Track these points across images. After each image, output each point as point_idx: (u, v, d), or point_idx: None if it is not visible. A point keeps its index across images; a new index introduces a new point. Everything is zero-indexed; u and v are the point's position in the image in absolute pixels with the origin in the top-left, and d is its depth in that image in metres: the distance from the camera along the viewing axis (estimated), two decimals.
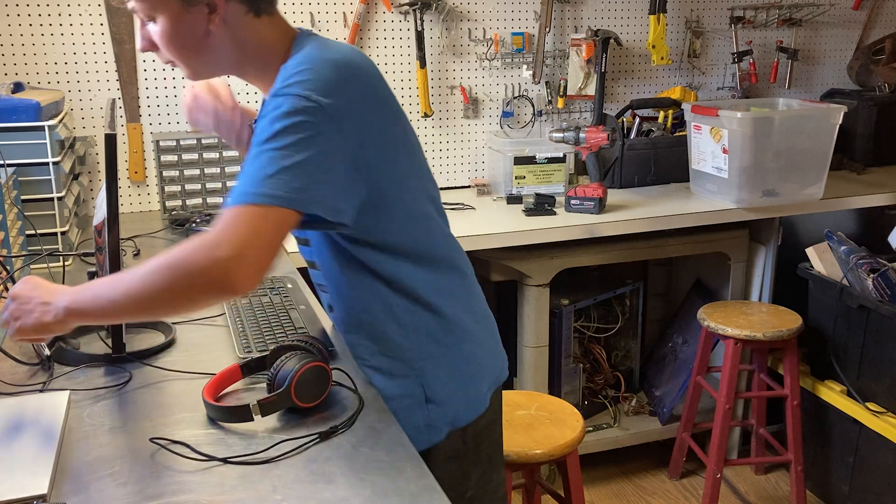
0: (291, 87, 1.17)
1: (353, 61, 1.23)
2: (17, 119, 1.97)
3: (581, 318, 2.93)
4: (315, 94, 1.16)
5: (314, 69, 1.18)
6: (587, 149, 2.66)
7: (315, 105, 1.15)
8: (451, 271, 1.40)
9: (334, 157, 1.18)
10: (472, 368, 1.41)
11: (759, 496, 2.85)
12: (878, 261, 2.49)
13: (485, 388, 1.44)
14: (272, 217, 1.11)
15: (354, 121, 1.19)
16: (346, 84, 1.20)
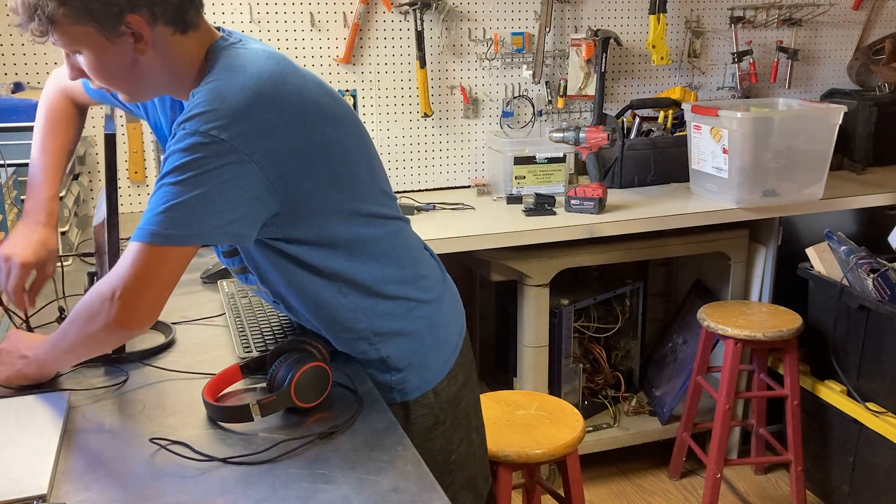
0: (192, 120, 1.15)
1: (263, 78, 1.19)
2: (17, 119, 1.97)
3: (581, 318, 2.93)
4: (214, 128, 1.14)
5: (218, 98, 1.16)
6: (587, 149, 2.66)
7: (212, 141, 1.14)
8: (394, 264, 1.41)
9: (233, 188, 1.16)
10: (431, 336, 1.45)
11: (759, 496, 2.85)
12: (878, 261, 2.49)
13: (448, 351, 1.49)
14: (167, 256, 1.16)
15: (260, 144, 1.17)
16: (251, 108, 1.16)
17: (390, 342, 1.41)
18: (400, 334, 1.41)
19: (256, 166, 1.17)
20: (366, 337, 1.40)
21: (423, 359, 1.44)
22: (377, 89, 2.84)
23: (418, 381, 1.44)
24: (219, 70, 1.21)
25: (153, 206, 1.16)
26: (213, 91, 1.17)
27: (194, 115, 1.15)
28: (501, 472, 1.88)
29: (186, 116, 1.16)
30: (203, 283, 1.89)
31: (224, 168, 1.15)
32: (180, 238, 1.15)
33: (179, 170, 1.14)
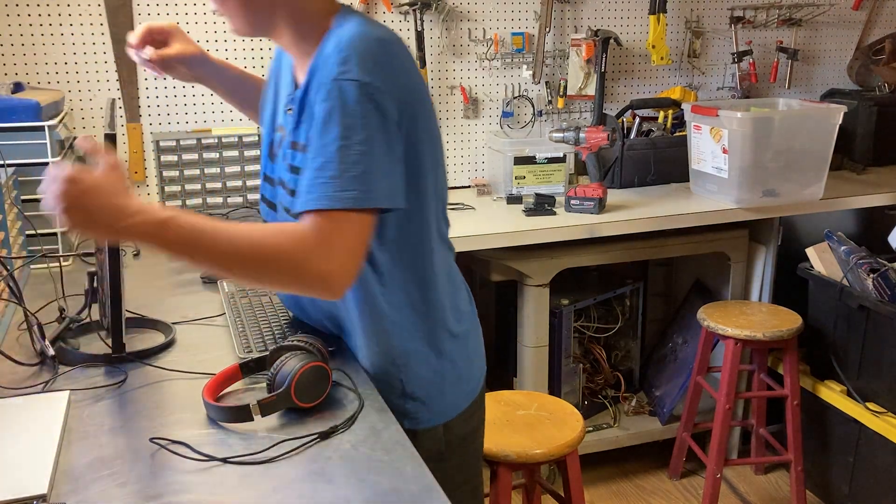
0: (345, 72, 1.16)
1: (395, 40, 1.24)
2: (17, 119, 1.97)
3: (581, 318, 2.93)
4: (368, 77, 1.16)
5: (362, 50, 1.17)
6: (587, 149, 2.66)
7: (371, 91, 1.16)
8: (443, 289, 1.39)
9: (394, 144, 1.20)
10: (454, 372, 1.42)
11: (759, 496, 2.85)
12: (878, 261, 2.49)
13: (468, 389, 1.46)
14: (360, 221, 1.17)
15: (401, 102, 1.20)
16: (392, 65, 1.20)
17: (414, 368, 1.38)
18: (426, 363, 1.38)
19: (399, 124, 1.20)
20: (394, 356, 1.37)
21: (440, 391, 1.40)
22: None
23: (430, 413, 1.40)
24: (354, 24, 1.22)
25: (333, 168, 1.15)
26: (357, 41, 1.18)
27: (344, 67, 1.16)
28: (501, 472, 1.88)
29: (338, 71, 1.16)
30: (203, 283, 1.89)
31: (385, 123, 1.18)
32: (369, 200, 1.17)
33: (346, 128, 1.16)
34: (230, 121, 2.70)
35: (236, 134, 2.59)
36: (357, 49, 1.17)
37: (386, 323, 1.35)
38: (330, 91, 1.17)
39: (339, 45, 1.19)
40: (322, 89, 1.18)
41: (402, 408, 1.37)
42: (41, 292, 1.77)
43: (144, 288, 1.86)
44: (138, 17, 2.54)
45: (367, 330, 1.37)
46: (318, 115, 1.18)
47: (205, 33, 2.61)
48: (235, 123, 2.70)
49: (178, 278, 1.95)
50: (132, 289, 1.80)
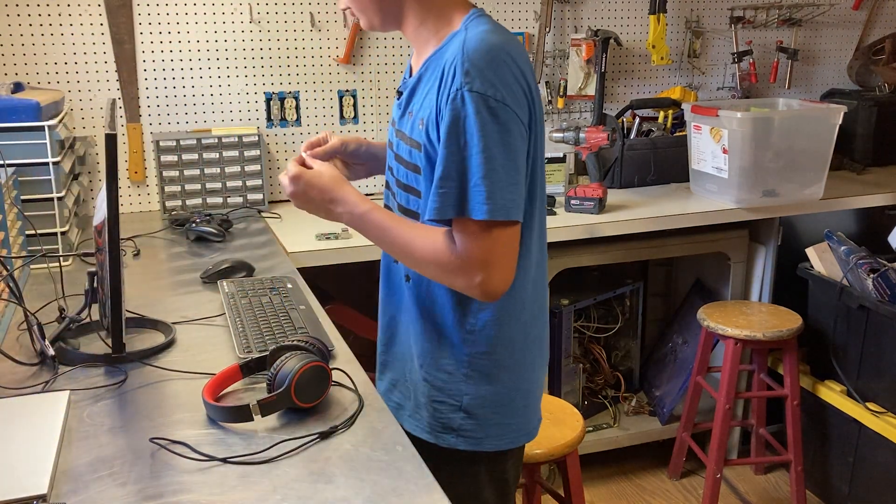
0: (474, 82, 1.20)
1: (517, 46, 1.28)
2: (17, 119, 1.97)
3: (581, 318, 2.93)
4: (501, 90, 1.20)
5: (494, 63, 1.21)
6: (587, 149, 2.66)
7: (502, 104, 1.20)
8: (527, 303, 1.39)
9: (522, 156, 1.26)
10: (514, 401, 1.41)
11: (759, 496, 2.85)
12: (878, 261, 2.49)
13: (523, 425, 1.44)
14: (510, 231, 1.24)
15: (526, 116, 1.25)
16: (517, 80, 1.23)
17: (478, 378, 1.37)
18: (491, 378, 1.38)
19: (525, 140, 1.27)
20: (459, 362, 1.37)
21: (498, 415, 1.39)
22: (377, 89, 2.84)
23: (481, 437, 1.39)
24: (483, 32, 1.25)
25: (482, 178, 1.20)
26: (487, 52, 1.22)
27: (475, 78, 1.20)
28: None
29: (465, 80, 1.20)
30: (203, 283, 1.89)
31: (517, 136, 1.24)
32: (517, 212, 1.25)
33: (484, 138, 1.20)
34: (230, 121, 2.70)
35: (236, 134, 2.59)
36: (481, 59, 1.20)
37: (470, 318, 1.36)
38: (454, 100, 1.21)
39: (463, 51, 1.22)
40: (447, 99, 1.22)
41: (451, 421, 1.38)
42: (41, 292, 1.77)
43: (144, 288, 1.86)
44: (138, 17, 2.54)
45: (438, 325, 1.38)
46: (444, 124, 1.23)
47: (205, 33, 2.61)
48: (235, 123, 2.70)
49: (178, 278, 1.95)
50: (132, 289, 1.80)
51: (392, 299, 1.49)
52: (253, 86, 2.70)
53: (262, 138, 2.67)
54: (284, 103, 2.74)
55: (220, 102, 2.67)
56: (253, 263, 1.97)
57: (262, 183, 2.62)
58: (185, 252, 2.18)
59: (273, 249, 2.19)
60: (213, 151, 2.56)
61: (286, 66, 2.72)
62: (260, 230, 2.40)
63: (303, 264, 2.15)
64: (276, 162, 2.78)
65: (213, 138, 2.56)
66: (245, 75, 2.68)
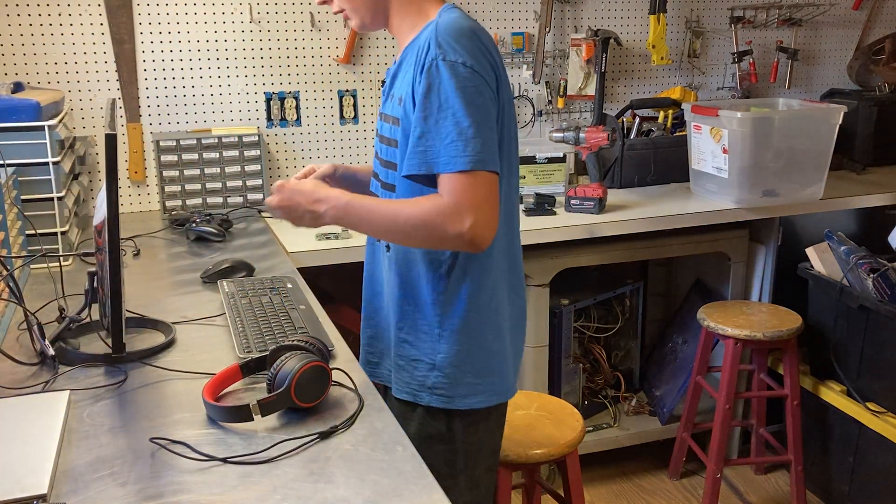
0: (447, 53, 1.33)
1: (483, 30, 1.41)
2: (17, 119, 1.97)
3: (581, 318, 2.93)
4: (461, 57, 1.33)
5: (463, 38, 1.35)
6: (587, 149, 2.66)
7: (464, 69, 1.33)
8: (504, 258, 1.49)
9: (488, 114, 1.36)
10: (484, 361, 1.49)
11: (759, 496, 2.85)
12: (878, 261, 2.49)
13: (495, 386, 1.50)
14: (490, 179, 1.34)
15: (493, 84, 1.37)
16: (483, 53, 1.36)
17: (449, 342, 1.46)
18: (461, 341, 1.46)
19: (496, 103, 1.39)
20: (431, 323, 1.46)
21: (469, 375, 1.47)
22: (377, 89, 2.84)
23: (451, 395, 1.47)
24: (454, 17, 1.40)
25: (456, 134, 1.32)
26: (457, 32, 1.36)
27: (448, 50, 1.34)
28: (501, 472, 1.88)
29: (438, 55, 1.34)
30: (203, 283, 1.89)
31: (488, 98, 1.37)
32: (492, 162, 1.35)
33: (458, 99, 1.33)
34: (230, 121, 2.70)
35: (236, 134, 2.59)
36: (451, 33, 1.35)
37: (452, 272, 1.45)
38: (429, 69, 1.34)
39: (436, 31, 1.36)
40: (422, 69, 1.35)
41: (424, 379, 1.48)
42: (41, 292, 1.77)
43: (144, 288, 1.86)
44: (138, 17, 2.54)
45: (415, 280, 1.47)
46: (420, 91, 1.35)
47: (205, 33, 2.61)
48: (235, 123, 2.70)
49: (178, 278, 1.95)
50: (132, 289, 1.80)
51: (374, 277, 1.60)
52: (253, 86, 2.70)
53: (262, 138, 2.67)
54: (284, 103, 2.74)
55: (220, 102, 2.67)
56: (253, 263, 1.97)
57: (262, 183, 2.62)
58: (185, 252, 2.18)
59: (273, 249, 2.19)
60: (213, 151, 2.56)
61: (286, 66, 2.72)
62: (260, 230, 2.40)
63: (303, 264, 2.15)
64: (276, 162, 2.78)
65: (213, 138, 2.56)
66: (245, 75, 2.68)
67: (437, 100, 1.32)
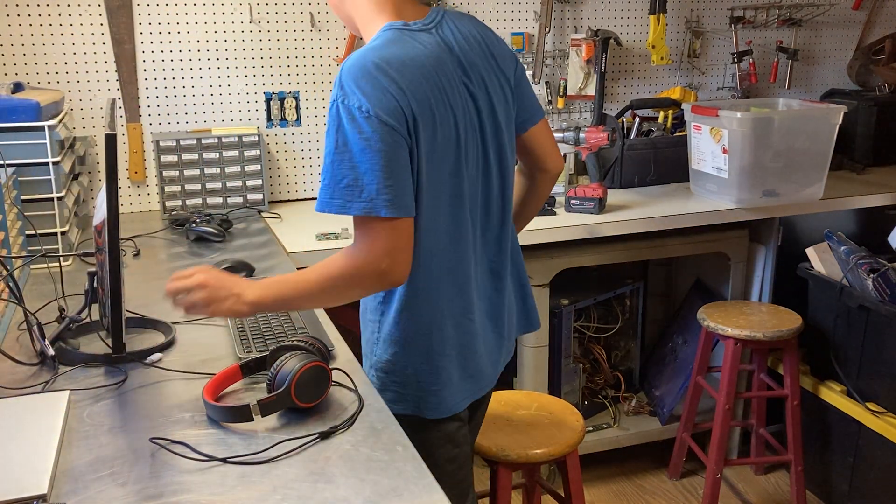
0: (347, 97, 1.28)
1: (399, 62, 1.32)
2: (17, 119, 1.97)
3: (581, 318, 2.93)
4: (369, 102, 1.27)
5: (365, 77, 1.29)
6: (587, 149, 2.66)
7: (363, 113, 1.28)
8: (449, 286, 1.46)
9: (400, 160, 1.31)
10: (409, 374, 1.46)
11: (759, 496, 2.85)
12: (878, 261, 2.49)
13: (417, 400, 1.47)
14: (392, 225, 1.30)
15: (402, 123, 1.31)
16: (388, 91, 1.29)
17: (383, 348, 1.46)
18: (390, 349, 1.45)
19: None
20: (374, 325, 1.48)
21: (394, 382, 1.46)
22: None
23: (383, 395, 1.42)
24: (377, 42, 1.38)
25: (366, 180, 1.31)
26: (353, 68, 1.33)
27: (340, 92, 1.32)
28: (501, 472, 1.88)
29: (338, 93, 1.32)
30: None
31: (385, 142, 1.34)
32: (407, 209, 1.34)
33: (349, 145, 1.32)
34: (230, 121, 2.70)
35: (236, 134, 2.59)
36: (352, 75, 1.29)
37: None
38: (331, 110, 1.30)
39: (342, 69, 1.31)
40: (330, 106, 1.31)
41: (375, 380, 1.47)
42: (41, 292, 1.77)
43: (144, 288, 1.86)
44: (138, 17, 2.54)
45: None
46: (327, 127, 1.32)
47: (205, 33, 2.61)
48: (235, 123, 2.70)
49: None
50: (132, 289, 1.80)
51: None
52: (253, 86, 2.70)
53: (262, 138, 2.67)
54: (284, 103, 2.74)
55: (220, 102, 2.67)
56: (253, 263, 1.97)
57: (261, 183, 2.62)
58: (185, 252, 2.18)
59: (273, 249, 2.19)
60: (213, 151, 2.56)
61: (286, 66, 2.72)
62: (260, 230, 2.40)
63: (303, 264, 2.14)
64: (276, 162, 2.78)
65: (213, 138, 2.56)
66: (245, 75, 2.68)
67: (337, 143, 1.29)
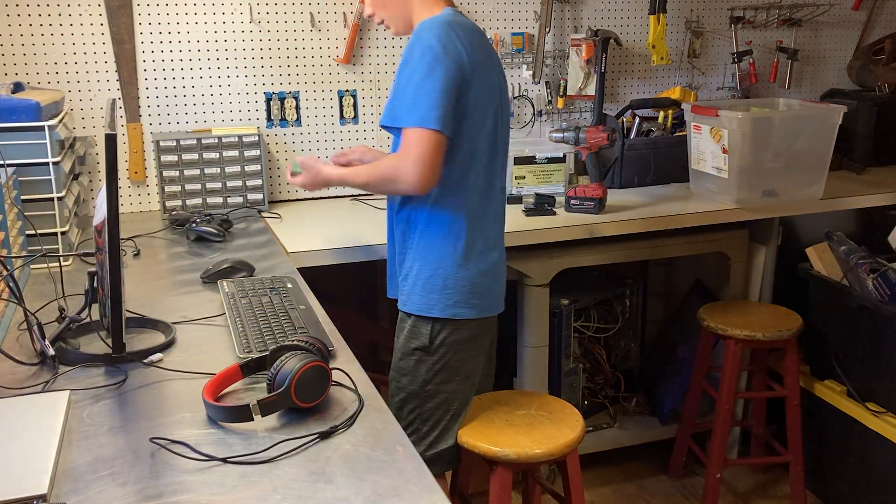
0: (422, 37, 1.72)
1: (462, 26, 1.78)
2: (17, 119, 1.97)
3: (581, 318, 2.93)
4: (439, 45, 1.71)
5: (430, 28, 1.74)
6: (587, 149, 2.66)
7: (434, 52, 1.72)
8: (478, 220, 1.86)
9: (452, 92, 1.74)
10: (433, 280, 1.83)
11: (759, 496, 2.85)
12: (878, 261, 2.49)
13: (441, 302, 1.83)
14: (432, 137, 1.71)
15: (464, 68, 1.75)
16: (455, 44, 1.73)
17: (411, 260, 1.85)
18: (418, 260, 1.84)
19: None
20: (403, 241, 1.87)
21: (420, 287, 1.83)
22: (377, 89, 2.84)
23: (408, 299, 1.87)
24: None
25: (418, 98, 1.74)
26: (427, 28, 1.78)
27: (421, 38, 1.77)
28: (501, 472, 1.88)
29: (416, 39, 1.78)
30: (203, 283, 1.89)
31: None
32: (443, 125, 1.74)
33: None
34: (230, 121, 2.70)
35: (236, 134, 2.59)
36: (431, 26, 1.73)
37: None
38: (409, 48, 1.74)
39: (421, 23, 1.76)
40: (406, 49, 1.75)
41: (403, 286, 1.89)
42: (41, 292, 1.77)
43: (144, 288, 1.86)
44: (138, 17, 2.54)
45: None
46: (400, 64, 1.75)
47: (205, 33, 2.61)
48: (235, 123, 2.70)
49: (178, 278, 1.95)
50: (132, 289, 1.80)
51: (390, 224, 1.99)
52: (253, 86, 2.70)
53: (262, 138, 2.67)
54: (284, 103, 2.74)
55: (220, 102, 2.67)
56: (253, 263, 1.97)
57: (262, 183, 2.62)
58: (185, 252, 2.18)
59: (273, 249, 2.19)
60: (213, 151, 2.56)
61: (286, 66, 2.72)
62: (260, 230, 2.40)
63: (303, 264, 2.15)
64: (276, 162, 2.78)
65: (213, 138, 2.56)
66: (245, 75, 2.68)
67: (406, 71, 1.72)
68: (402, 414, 1.90)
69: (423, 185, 1.71)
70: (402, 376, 1.90)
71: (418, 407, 1.89)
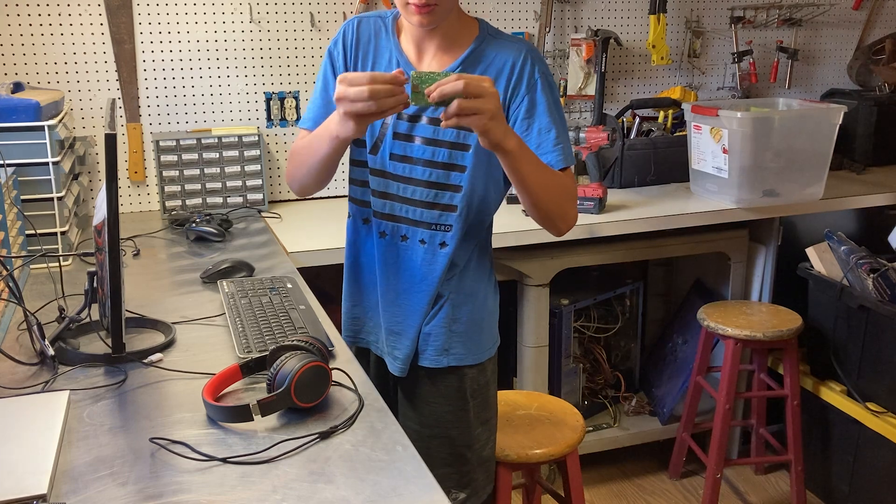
0: (545, 70, 1.58)
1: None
2: (17, 119, 1.97)
3: (581, 318, 2.93)
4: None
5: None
6: (587, 149, 2.66)
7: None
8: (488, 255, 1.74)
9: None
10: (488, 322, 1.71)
11: (759, 496, 2.85)
12: (878, 261, 2.49)
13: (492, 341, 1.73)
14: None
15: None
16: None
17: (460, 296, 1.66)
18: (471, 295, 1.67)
19: None
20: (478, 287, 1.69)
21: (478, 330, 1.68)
22: None
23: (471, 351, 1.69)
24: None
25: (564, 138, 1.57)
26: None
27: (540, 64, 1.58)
28: (501, 472, 1.88)
29: (536, 69, 1.57)
30: (203, 283, 1.89)
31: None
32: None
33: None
34: (230, 121, 2.70)
35: (236, 134, 2.59)
36: (538, 53, 1.61)
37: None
38: (540, 86, 1.56)
39: (531, 49, 1.59)
40: (526, 85, 1.55)
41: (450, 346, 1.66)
42: (41, 292, 1.77)
43: (144, 288, 1.86)
44: (138, 17, 2.54)
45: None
46: (541, 100, 1.55)
47: (205, 33, 2.61)
48: (235, 123, 2.70)
49: (178, 278, 1.95)
50: (132, 289, 1.80)
51: (400, 267, 1.70)
52: (253, 86, 2.70)
53: (262, 138, 2.67)
54: (284, 103, 2.74)
55: (220, 102, 2.67)
56: (253, 263, 1.97)
57: (262, 183, 2.62)
58: (185, 252, 2.18)
59: (273, 249, 2.19)
60: (213, 151, 2.56)
61: (286, 66, 2.72)
62: (260, 230, 2.40)
63: (303, 264, 2.15)
64: (276, 162, 2.78)
65: (213, 138, 2.56)
66: (245, 75, 2.68)
67: (557, 109, 1.56)
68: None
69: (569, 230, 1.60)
70: (475, 440, 1.71)
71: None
